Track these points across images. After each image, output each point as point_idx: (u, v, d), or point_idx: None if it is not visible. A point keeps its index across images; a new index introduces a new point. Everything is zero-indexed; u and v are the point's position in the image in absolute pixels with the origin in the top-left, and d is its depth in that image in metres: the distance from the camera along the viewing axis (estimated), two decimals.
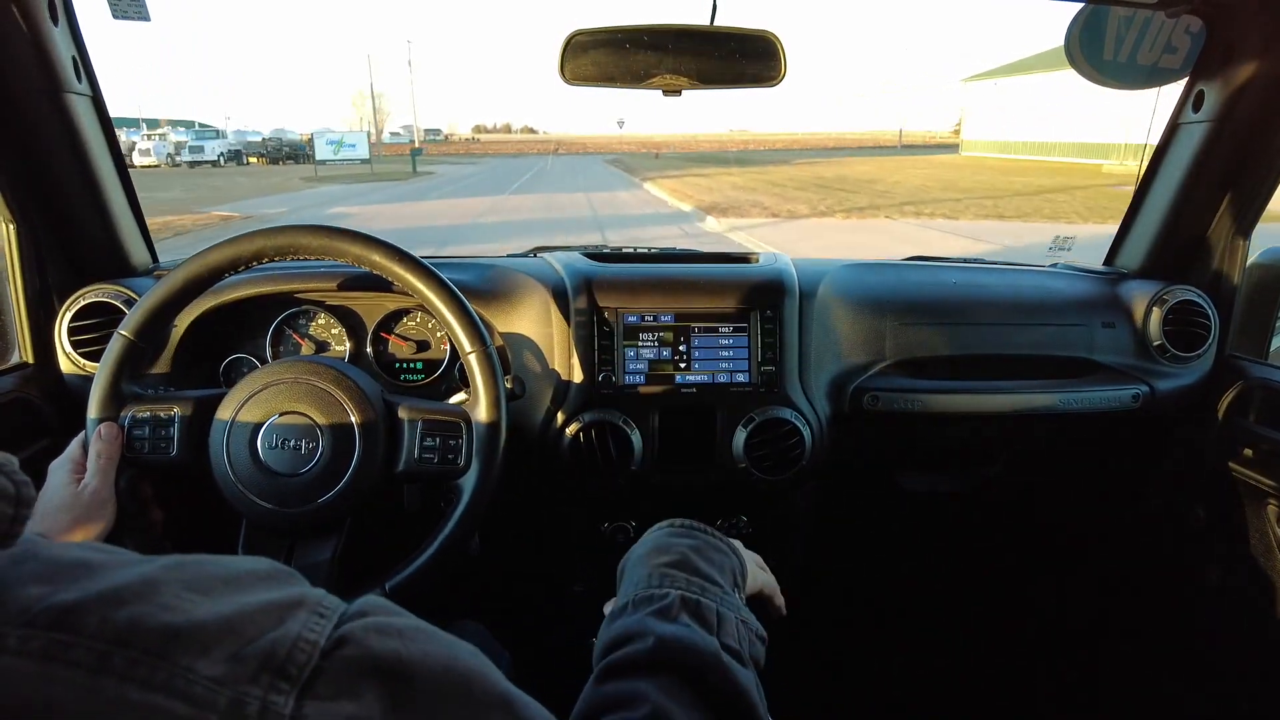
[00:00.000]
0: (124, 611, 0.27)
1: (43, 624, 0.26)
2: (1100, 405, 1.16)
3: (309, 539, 0.81)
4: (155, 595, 0.28)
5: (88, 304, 1.04)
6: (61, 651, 0.25)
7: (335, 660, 0.28)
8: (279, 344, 1.13)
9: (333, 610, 0.31)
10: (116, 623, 0.26)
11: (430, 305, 0.84)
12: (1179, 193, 1.19)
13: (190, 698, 0.26)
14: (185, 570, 0.30)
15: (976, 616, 1.59)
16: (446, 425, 0.83)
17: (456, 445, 0.82)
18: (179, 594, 0.28)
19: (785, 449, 1.08)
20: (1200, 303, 1.19)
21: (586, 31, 0.97)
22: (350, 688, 0.28)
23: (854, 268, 1.24)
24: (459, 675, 0.32)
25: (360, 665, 0.29)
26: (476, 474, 0.82)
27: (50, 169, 1.01)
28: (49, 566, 0.28)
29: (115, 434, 0.80)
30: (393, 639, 0.30)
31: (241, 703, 0.26)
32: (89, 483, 0.77)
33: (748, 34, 0.98)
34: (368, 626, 0.30)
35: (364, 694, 0.28)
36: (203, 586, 0.29)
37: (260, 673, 0.27)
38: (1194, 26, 1.16)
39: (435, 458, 0.82)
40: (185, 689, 0.26)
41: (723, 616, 0.54)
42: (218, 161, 31.71)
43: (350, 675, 0.28)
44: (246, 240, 0.82)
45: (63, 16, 0.96)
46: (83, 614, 0.26)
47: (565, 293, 1.10)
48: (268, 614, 0.29)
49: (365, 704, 0.28)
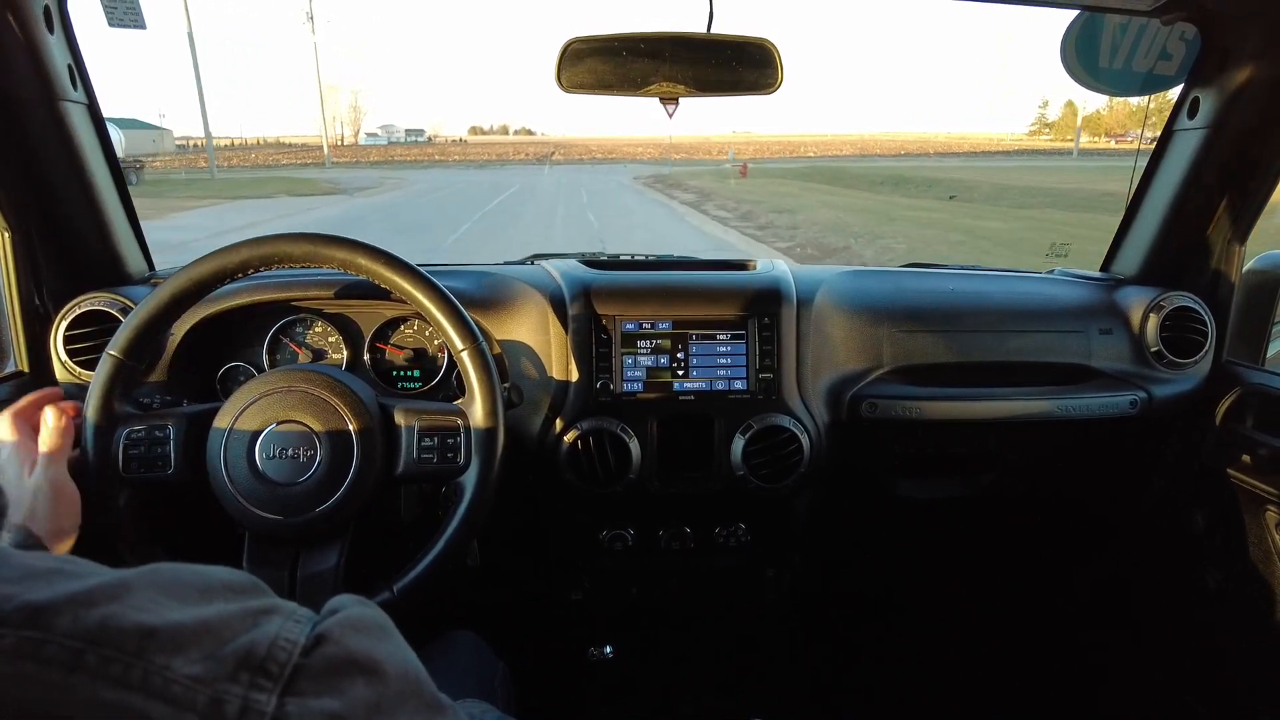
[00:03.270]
0: (96, 611, 0.26)
1: (14, 622, 0.25)
2: (1098, 411, 1.16)
3: (313, 548, 0.80)
4: (128, 597, 0.27)
5: (83, 312, 1.04)
6: (33, 649, 0.25)
7: (316, 658, 0.28)
8: (275, 352, 1.13)
9: (306, 616, 0.31)
10: (89, 622, 0.26)
11: (420, 306, 0.84)
12: (1175, 199, 1.19)
13: (167, 697, 0.25)
14: (160, 576, 0.30)
15: (976, 623, 1.59)
16: (444, 425, 0.83)
17: (455, 444, 0.82)
18: (153, 597, 0.28)
19: (783, 456, 1.08)
20: (1197, 309, 1.19)
21: (583, 40, 0.98)
22: (333, 685, 0.28)
23: (852, 275, 1.24)
24: (415, 674, 0.33)
25: (341, 662, 0.29)
26: (477, 470, 0.82)
27: (46, 177, 1.01)
28: (20, 571, 0.28)
29: (63, 424, 0.74)
30: (367, 636, 0.31)
31: (221, 702, 0.26)
32: (35, 477, 0.70)
33: (744, 42, 0.98)
34: (343, 623, 0.31)
35: (346, 690, 0.28)
36: (176, 593, 0.29)
37: (239, 671, 0.27)
38: (1189, 33, 1.17)
39: (434, 457, 0.82)
40: (162, 688, 0.25)
41: None
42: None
43: (332, 672, 0.28)
44: (232, 251, 0.82)
45: (58, 25, 0.96)
46: (54, 613, 0.26)
47: (563, 300, 1.10)
48: (242, 619, 0.29)
49: (347, 700, 0.28)
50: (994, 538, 1.53)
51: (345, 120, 70.93)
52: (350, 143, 67.07)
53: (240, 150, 53.09)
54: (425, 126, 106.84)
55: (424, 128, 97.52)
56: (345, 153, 48.28)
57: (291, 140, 74.17)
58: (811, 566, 1.36)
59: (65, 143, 0.99)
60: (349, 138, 72.13)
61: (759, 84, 0.99)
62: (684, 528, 1.19)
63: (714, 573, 1.30)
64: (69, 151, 1.00)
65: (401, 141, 72.53)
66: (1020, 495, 1.44)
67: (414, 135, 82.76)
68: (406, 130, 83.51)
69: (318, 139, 78.73)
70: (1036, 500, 1.48)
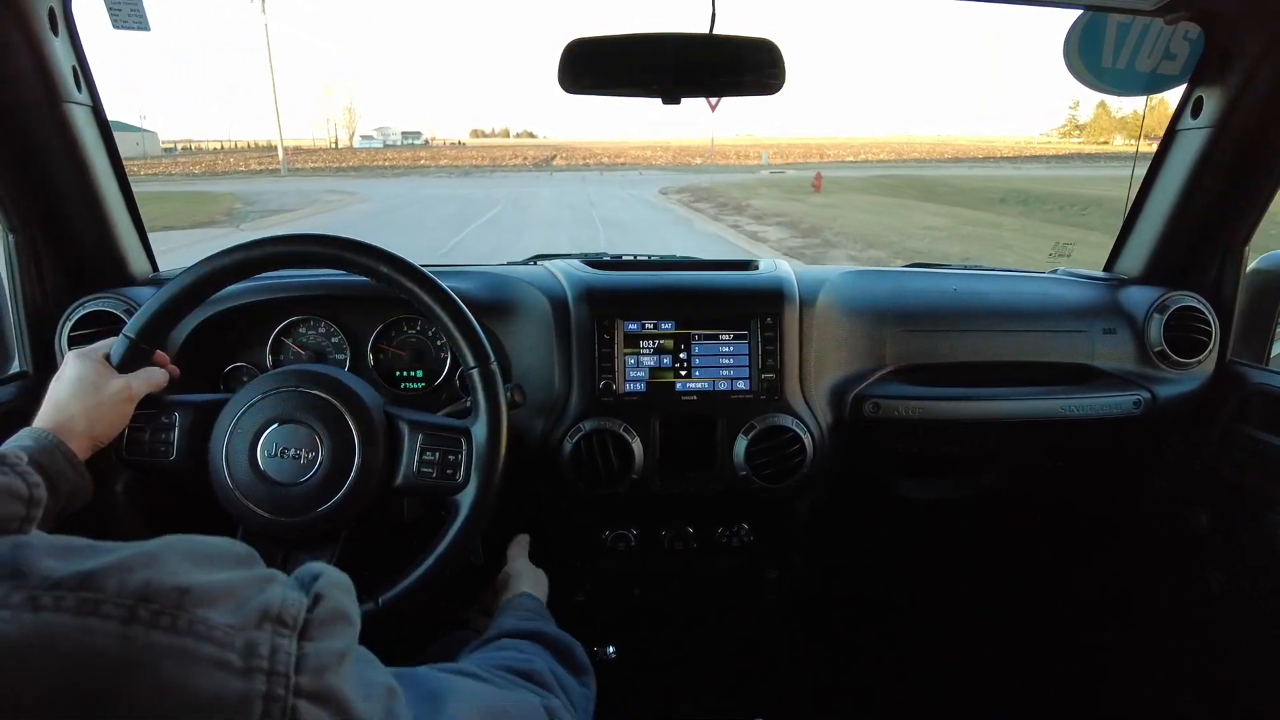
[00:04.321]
0: (137, 575, 0.31)
1: (70, 585, 0.29)
2: (1102, 412, 1.16)
3: (304, 550, 0.80)
4: (159, 563, 0.32)
5: (88, 313, 1.04)
6: (93, 607, 0.29)
7: (319, 611, 0.35)
8: (279, 353, 1.13)
9: (296, 582, 0.38)
10: (134, 583, 0.30)
11: (436, 319, 0.84)
12: (1179, 198, 1.19)
13: (213, 639, 0.31)
14: (179, 545, 0.35)
15: (979, 623, 1.58)
16: (447, 440, 0.82)
17: (456, 460, 0.82)
18: (179, 563, 0.33)
19: (786, 457, 1.07)
20: (1201, 309, 1.19)
21: (586, 41, 0.97)
22: (332, 631, 0.35)
23: (854, 275, 1.24)
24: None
25: (334, 613, 0.36)
26: (475, 491, 0.81)
27: (50, 179, 1.01)
28: (60, 548, 0.32)
29: (164, 377, 0.83)
30: (346, 595, 0.39)
31: (254, 644, 0.32)
32: (121, 380, 0.77)
33: (747, 42, 0.98)
34: (332, 583, 0.38)
35: (341, 634, 0.36)
36: (195, 559, 0.34)
37: (263, 622, 0.33)
38: (1192, 33, 1.17)
39: (434, 472, 0.82)
40: (207, 633, 0.31)
41: None
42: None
43: (330, 621, 0.36)
44: (257, 247, 0.82)
45: (63, 27, 0.96)
46: (102, 577, 0.30)
47: (565, 301, 1.10)
48: (251, 583, 0.35)
49: (342, 639, 0.36)
50: (996, 538, 1.53)
51: (340, 123, 69.28)
52: (345, 145, 65.20)
53: (217, 155, 48.93)
54: (423, 129, 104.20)
55: (421, 130, 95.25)
56: (336, 157, 44.71)
57: (284, 144, 72.28)
58: (813, 567, 1.36)
59: (69, 144, 1.00)
60: (344, 141, 69.95)
61: (762, 84, 0.99)
62: (687, 528, 1.19)
63: (716, 573, 1.30)
64: (73, 153, 1.00)
65: (397, 144, 69.58)
66: (1022, 495, 1.43)
67: (410, 138, 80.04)
68: (403, 133, 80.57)
69: (310, 142, 75.62)
70: (1039, 500, 1.47)
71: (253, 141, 76.30)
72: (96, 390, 0.76)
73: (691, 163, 38.16)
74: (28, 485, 0.35)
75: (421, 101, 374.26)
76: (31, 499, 0.35)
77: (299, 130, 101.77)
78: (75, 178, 1.02)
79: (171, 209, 14.25)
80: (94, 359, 0.78)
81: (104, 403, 0.76)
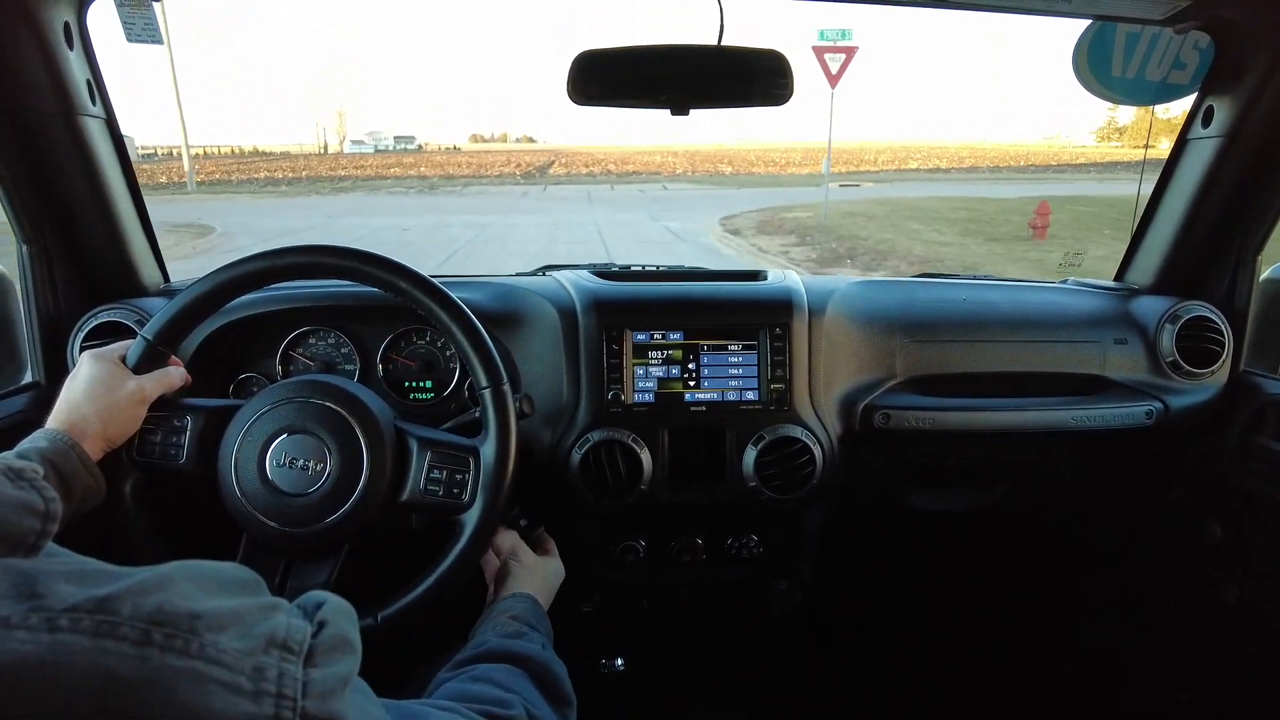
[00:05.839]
0: (150, 599, 0.32)
1: (87, 608, 0.30)
2: (1113, 422, 1.15)
3: (306, 561, 0.80)
4: (171, 588, 0.33)
5: (100, 324, 1.05)
6: (109, 629, 0.30)
7: (323, 638, 0.37)
8: (289, 363, 1.13)
9: (300, 610, 0.39)
10: (147, 607, 0.31)
11: (450, 335, 0.84)
12: (1190, 208, 1.18)
13: (223, 663, 0.32)
14: (189, 571, 0.36)
15: (989, 635, 1.57)
16: (455, 459, 0.82)
17: (463, 480, 0.81)
18: (189, 588, 0.34)
19: (796, 467, 1.07)
20: (1213, 318, 1.18)
21: (594, 52, 0.98)
22: (336, 657, 0.37)
23: (863, 285, 1.24)
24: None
25: (338, 640, 0.37)
26: (480, 511, 0.81)
27: (64, 191, 1.02)
28: (73, 571, 0.33)
29: (179, 380, 0.83)
30: (348, 621, 0.40)
31: (262, 669, 0.33)
32: (135, 382, 0.77)
33: (756, 53, 0.98)
34: (335, 610, 0.39)
35: (344, 660, 0.37)
36: (203, 585, 0.35)
37: (269, 647, 0.34)
38: (1202, 42, 1.16)
39: (440, 490, 0.81)
40: (217, 657, 0.32)
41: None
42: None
43: (334, 648, 0.37)
44: (277, 256, 0.83)
45: (78, 41, 0.97)
46: (117, 601, 0.31)
47: (574, 311, 1.10)
48: (257, 610, 0.36)
49: (345, 665, 0.37)
50: (1006, 549, 1.52)
51: (330, 127, 66.69)
52: (335, 151, 62.67)
53: (140, 163, 45.20)
54: (417, 133, 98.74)
55: (415, 134, 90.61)
56: (325, 163, 38.91)
57: (270, 150, 66.41)
58: (822, 578, 1.35)
59: (83, 156, 1.00)
60: (334, 146, 66.55)
61: (771, 94, 0.99)
62: (695, 539, 1.18)
63: (725, 584, 1.29)
64: (87, 165, 1.01)
65: (390, 149, 64.84)
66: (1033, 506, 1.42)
67: (404, 142, 75.07)
68: (396, 137, 75.75)
69: (299, 147, 71.43)
70: (1050, 511, 1.46)
71: (235, 147, 69.74)
72: (111, 391, 0.76)
73: (720, 171, 31.96)
74: (44, 500, 0.36)
75: (420, 106, 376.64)
76: (48, 514, 0.36)
77: (303, 135, 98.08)
78: (89, 190, 1.03)
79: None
80: (109, 360, 0.79)
81: (118, 403, 0.76)
